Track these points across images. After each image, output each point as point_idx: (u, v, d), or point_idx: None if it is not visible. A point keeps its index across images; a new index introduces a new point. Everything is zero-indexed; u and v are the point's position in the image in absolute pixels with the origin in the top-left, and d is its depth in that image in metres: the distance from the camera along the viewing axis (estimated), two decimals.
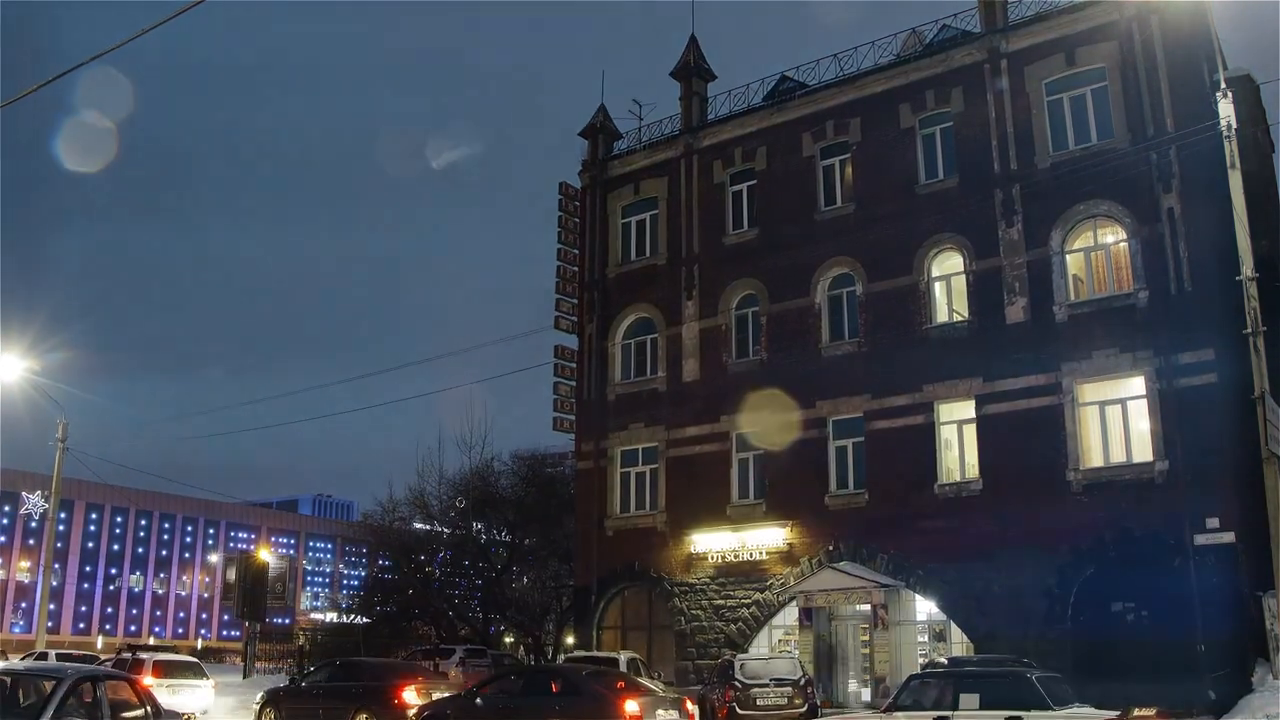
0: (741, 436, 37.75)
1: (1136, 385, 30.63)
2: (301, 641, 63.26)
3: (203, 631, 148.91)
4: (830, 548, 34.71)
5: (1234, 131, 24.62)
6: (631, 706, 21.50)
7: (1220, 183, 25.30)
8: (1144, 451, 30.13)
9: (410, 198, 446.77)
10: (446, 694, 26.19)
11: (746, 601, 36.21)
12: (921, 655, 32.33)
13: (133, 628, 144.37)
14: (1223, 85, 25.17)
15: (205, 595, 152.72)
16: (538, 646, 57.13)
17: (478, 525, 58.52)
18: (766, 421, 36.83)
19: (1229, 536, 27.95)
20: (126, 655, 32.62)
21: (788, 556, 35.64)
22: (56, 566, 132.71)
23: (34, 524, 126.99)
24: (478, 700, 23.89)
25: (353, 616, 65.27)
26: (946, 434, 33.78)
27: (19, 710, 13.39)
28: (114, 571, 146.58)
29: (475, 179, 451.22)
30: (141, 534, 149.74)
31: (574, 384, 43.15)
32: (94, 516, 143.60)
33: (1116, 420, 30.99)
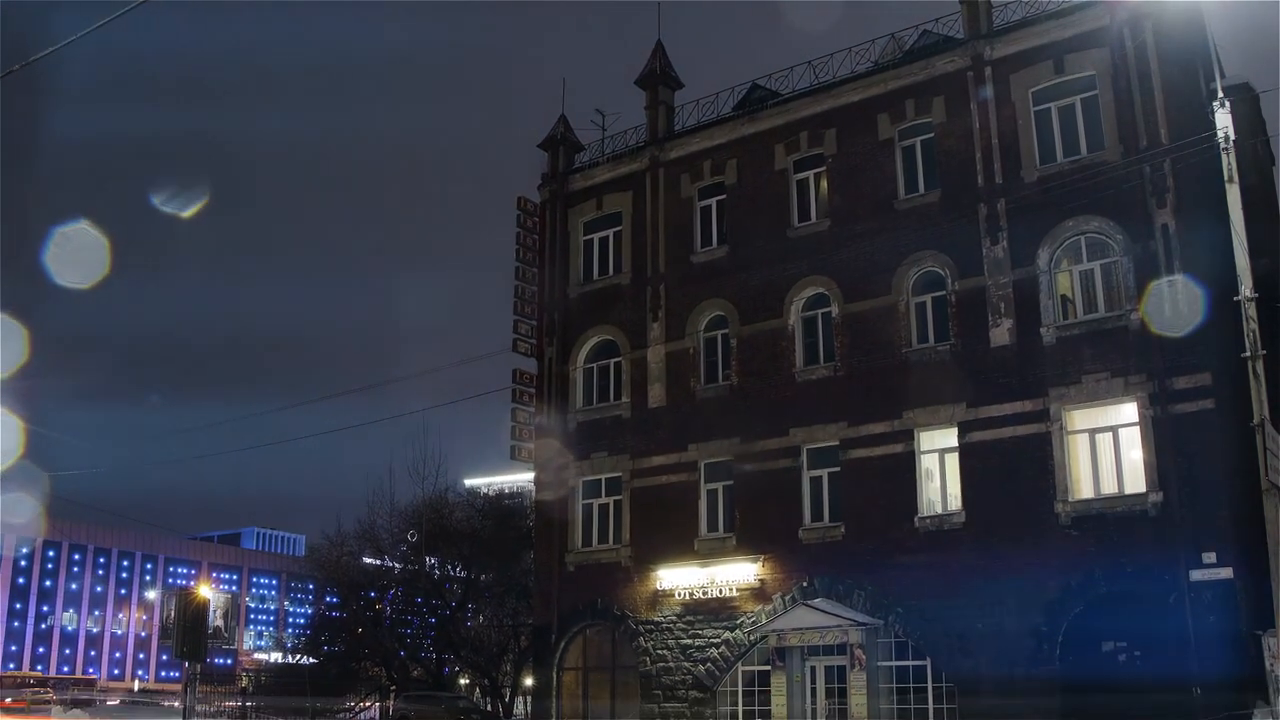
0: (710, 466, 37.25)
1: (1129, 412, 30.33)
2: (245, 683, 62.56)
3: (140, 672, 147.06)
4: (804, 584, 34.23)
5: (1232, 143, 24.40)
6: None
7: (1217, 198, 25.06)
8: (1137, 482, 29.80)
9: (363, 210, 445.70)
10: None
11: (715, 641, 35.68)
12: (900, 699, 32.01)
13: (66, 668, 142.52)
14: (1220, 94, 24.94)
15: (143, 634, 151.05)
16: (495, 688, 56.50)
17: (431, 560, 57.90)
18: (737, 450, 36.43)
19: (1226, 572, 27.71)
20: None
21: (759, 593, 35.15)
22: None
23: None
24: None
25: (299, 657, 64.66)
26: (928, 463, 33.40)
27: None
28: (46, 609, 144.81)
29: (432, 193, 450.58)
30: (75, 569, 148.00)
31: (533, 410, 42.67)
32: (24, 550, 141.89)
33: (1107, 449, 30.68)
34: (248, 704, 56.52)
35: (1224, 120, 24.41)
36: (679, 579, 36.77)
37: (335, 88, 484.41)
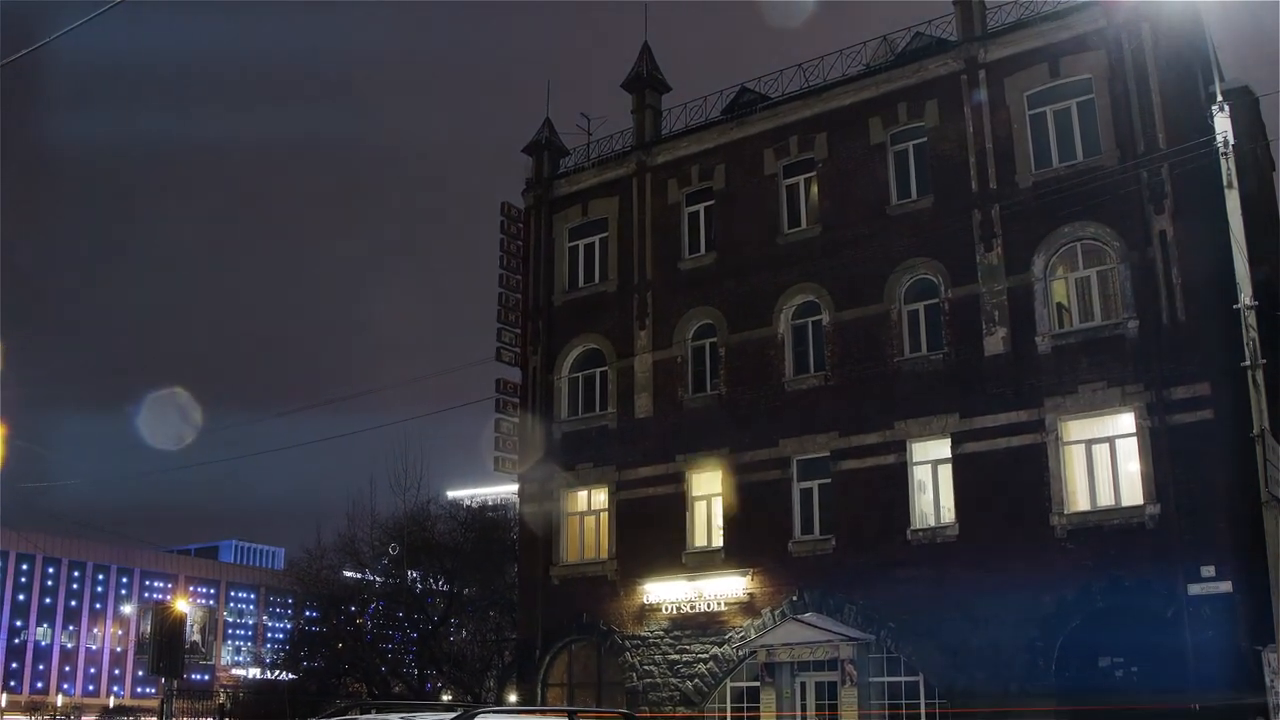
0: (698, 478, 37.08)
1: (1126, 422, 30.16)
2: (222, 700, 62.20)
3: (115, 689, 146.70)
4: (794, 598, 34.02)
5: (1231, 148, 24.34)
6: None
7: (1216, 204, 25.00)
8: (1134, 494, 29.62)
9: (344, 218, 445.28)
10: None
11: (704, 656, 35.46)
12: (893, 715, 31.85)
13: (39, 684, 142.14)
14: (1219, 98, 24.89)
15: (118, 649, 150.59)
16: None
17: (413, 574, 57.71)
18: (725, 461, 36.21)
19: (1226, 586, 27.51)
20: None
21: (748, 608, 34.94)
22: None
23: None
24: None
25: (278, 673, 64.41)
26: (920, 475, 33.18)
27: None
28: (19, 624, 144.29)
29: (415, 198, 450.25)
30: (49, 583, 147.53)
31: (517, 421, 42.47)
32: None
33: (1104, 460, 30.49)
34: None
35: (1223, 124, 24.42)
36: (666, 593, 36.52)
37: (318, 92, 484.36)
